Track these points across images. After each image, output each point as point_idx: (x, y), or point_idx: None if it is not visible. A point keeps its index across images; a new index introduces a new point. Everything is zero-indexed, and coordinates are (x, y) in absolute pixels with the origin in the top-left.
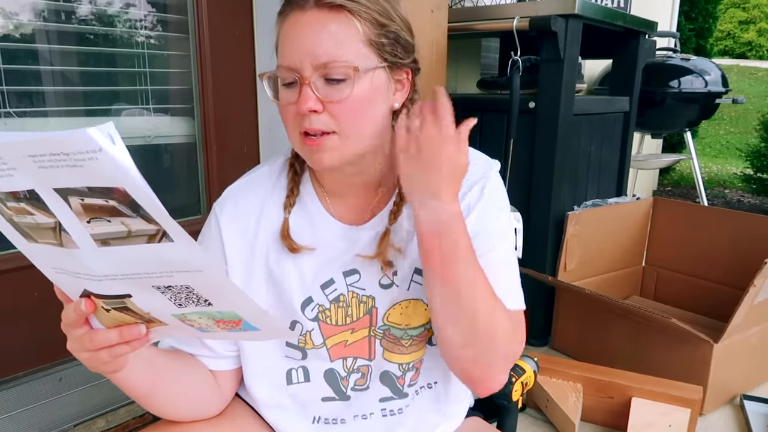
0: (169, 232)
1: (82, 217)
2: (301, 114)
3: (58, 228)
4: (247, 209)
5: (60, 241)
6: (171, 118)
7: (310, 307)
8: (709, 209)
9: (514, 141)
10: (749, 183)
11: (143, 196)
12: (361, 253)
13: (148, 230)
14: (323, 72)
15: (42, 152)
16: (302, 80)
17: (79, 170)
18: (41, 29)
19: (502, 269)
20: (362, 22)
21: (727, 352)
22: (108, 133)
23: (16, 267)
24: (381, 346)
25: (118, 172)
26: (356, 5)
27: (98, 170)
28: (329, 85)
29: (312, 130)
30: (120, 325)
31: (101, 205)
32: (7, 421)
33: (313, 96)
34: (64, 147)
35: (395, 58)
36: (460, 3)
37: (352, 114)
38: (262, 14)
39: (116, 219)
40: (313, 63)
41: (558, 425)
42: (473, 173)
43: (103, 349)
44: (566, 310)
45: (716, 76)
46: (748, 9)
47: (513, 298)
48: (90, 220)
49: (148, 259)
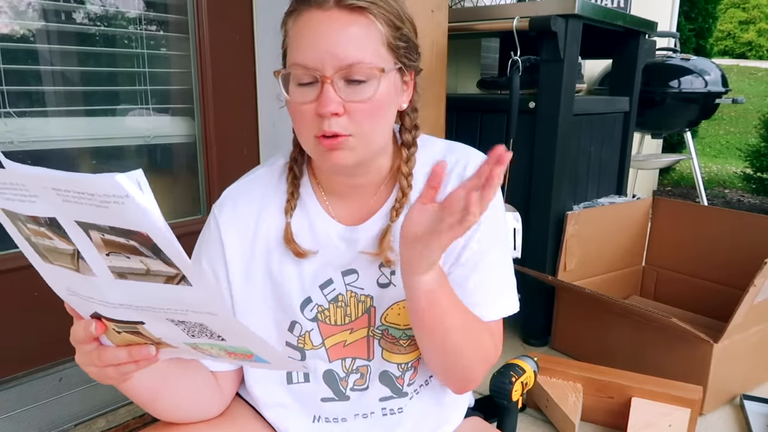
0: (188, 277)
1: (101, 250)
2: (320, 115)
3: (76, 255)
4: (247, 210)
5: (77, 267)
6: (171, 118)
7: (309, 308)
8: (709, 209)
9: (514, 141)
10: (749, 183)
11: (166, 243)
12: (363, 250)
13: (167, 272)
14: (345, 73)
15: (67, 188)
16: (323, 80)
17: (103, 210)
18: (41, 29)
19: (494, 275)
20: (382, 24)
21: (727, 352)
22: (136, 180)
23: (16, 267)
24: (380, 346)
25: (144, 218)
26: (376, 7)
27: (123, 214)
28: (350, 87)
29: (331, 133)
30: (130, 345)
31: (122, 243)
32: (7, 421)
33: (335, 97)
34: (91, 188)
35: (407, 60)
36: (460, 3)
37: (370, 116)
38: (262, 14)
39: (136, 257)
40: (336, 64)
41: (558, 425)
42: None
43: (111, 366)
44: (566, 310)
45: (716, 76)
46: (748, 9)
47: (503, 306)
48: (109, 253)
49: (164, 296)
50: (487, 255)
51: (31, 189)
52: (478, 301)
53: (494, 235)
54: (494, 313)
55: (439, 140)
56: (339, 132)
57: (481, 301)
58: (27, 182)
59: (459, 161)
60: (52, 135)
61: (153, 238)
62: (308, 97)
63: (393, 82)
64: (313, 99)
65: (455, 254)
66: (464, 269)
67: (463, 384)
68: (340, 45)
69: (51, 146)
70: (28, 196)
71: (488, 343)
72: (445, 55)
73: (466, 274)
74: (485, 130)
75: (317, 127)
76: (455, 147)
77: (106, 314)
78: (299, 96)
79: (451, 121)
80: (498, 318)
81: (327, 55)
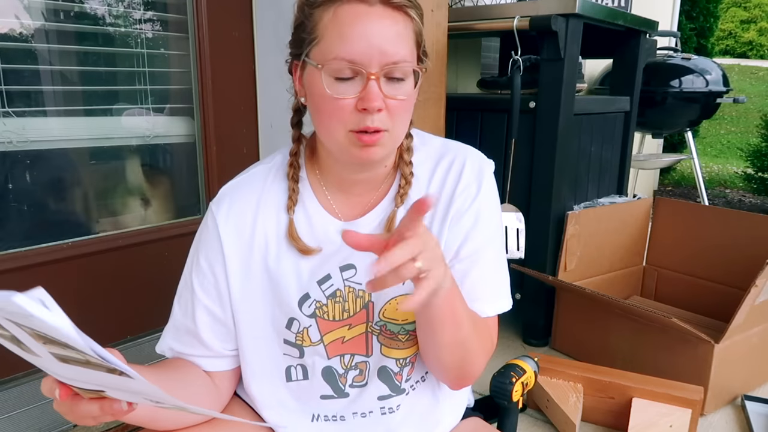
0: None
1: (38, 340)
2: (364, 111)
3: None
4: (244, 207)
5: (20, 347)
6: (170, 117)
7: (308, 304)
8: (710, 209)
9: (515, 141)
10: (750, 183)
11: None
12: None
13: (108, 367)
14: (389, 70)
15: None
16: (369, 76)
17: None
18: (41, 29)
19: (491, 271)
20: (416, 23)
21: (728, 352)
22: (38, 299)
23: (16, 267)
24: (378, 341)
25: (57, 334)
26: (413, 10)
27: (36, 324)
28: (390, 84)
29: (373, 129)
30: (101, 399)
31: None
32: (6, 421)
33: (381, 94)
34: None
35: (425, 57)
36: (460, 2)
37: (404, 112)
38: (262, 14)
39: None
40: (382, 61)
41: (558, 426)
42: (469, 172)
43: (87, 417)
44: (566, 310)
45: (717, 75)
46: (749, 8)
47: (499, 302)
48: (46, 343)
49: (112, 382)
50: (486, 250)
51: None
52: (478, 296)
53: (492, 231)
54: (492, 309)
55: (436, 138)
56: (380, 127)
57: (481, 296)
58: None
59: (456, 159)
60: (51, 135)
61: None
62: (349, 92)
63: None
64: (354, 94)
65: (454, 249)
66: (464, 264)
67: (463, 379)
68: (389, 42)
69: (50, 146)
70: None
71: (488, 337)
72: (445, 55)
73: (466, 269)
74: (485, 129)
75: (355, 122)
76: (452, 145)
77: (65, 381)
78: (337, 90)
79: (451, 121)
80: (494, 314)
81: (375, 50)
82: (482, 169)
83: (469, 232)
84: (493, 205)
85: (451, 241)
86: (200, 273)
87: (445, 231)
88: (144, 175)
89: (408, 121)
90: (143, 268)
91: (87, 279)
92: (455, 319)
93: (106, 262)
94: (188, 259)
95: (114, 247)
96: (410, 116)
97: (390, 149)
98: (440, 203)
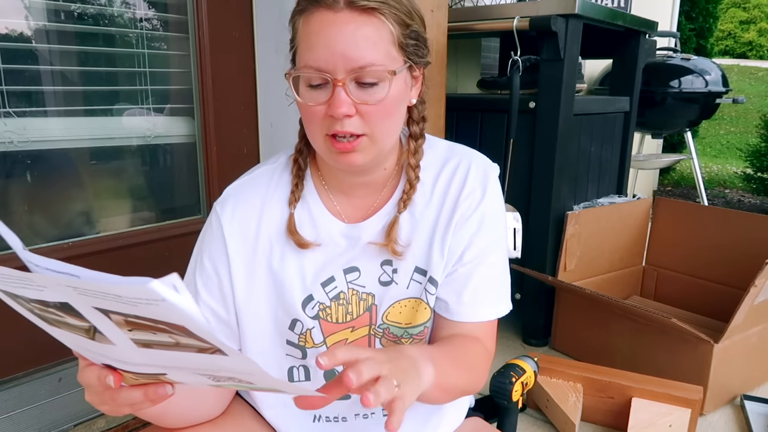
0: (226, 353)
1: (123, 327)
2: (332, 117)
3: (92, 330)
4: (248, 208)
5: (92, 338)
6: (171, 118)
7: (311, 305)
8: (709, 209)
9: (514, 141)
10: (749, 183)
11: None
12: (371, 241)
13: (200, 345)
14: (357, 75)
15: (87, 288)
16: (335, 83)
17: (131, 307)
18: (41, 29)
19: (494, 276)
20: (393, 23)
21: (727, 352)
22: (172, 284)
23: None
24: (381, 345)
25: (181, 316)
26: (387, 7)
27: (155, 311)
28: (362, 89)
29: (343, 133)
30: (145, 384)
31: (149, 324)
32: (7, 421)
33: (347, 100)
34: (117, 290)
35: (417, 56)
36: (460, 3)
37: (382, 117)
38: (262, 14)
39: (164, 333)
40: (348, 66)
41: (558, 425)
42: (474, 177)
43: (126, 405)
44: (566, 310)
45: (716, 75)
46: (748, 9)
47: (500, 306)
48: (132, 329)
49: (195, 360)
50: (489, 255)
51: (39, 282)
52: (480, 299)
53: (496, 236)
54: (493, 313)
55: (442, 141)
56: (353, 131)
57: (483, 300)
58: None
59: (461, 163)
60: (52, 135)
61: (190, 329)
62: (319, 99)
63: (404, 80)
64: (324, 101)
65: (458, 254)
66: (467, 268)
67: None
68: (352, 47)
69: (51, 146)
70: (34, 286)
71: (484, 360)
72: (444, 55)
73: (469, 273)
74: (485, 130)
75: (328, 126)
76: (457, 148)
77: (125, 368)
78: (310, 98)
79: (451, 121)
80: (494, 318)
81: (338, 57)
82: (487, 174)
83: (473, 237)
84: (497, 210)
85: (455, 246)
86: (204, 274)
87: (449, 235)
88: (144, 175)
89: (394, 124)
90: (143, 268)
91: None
92: (446, 390)
93: (106, 262)
94: (191, 259)
95: (114, 247)
96: (398, 119)
97: (373, 154)
98: (445, 208)
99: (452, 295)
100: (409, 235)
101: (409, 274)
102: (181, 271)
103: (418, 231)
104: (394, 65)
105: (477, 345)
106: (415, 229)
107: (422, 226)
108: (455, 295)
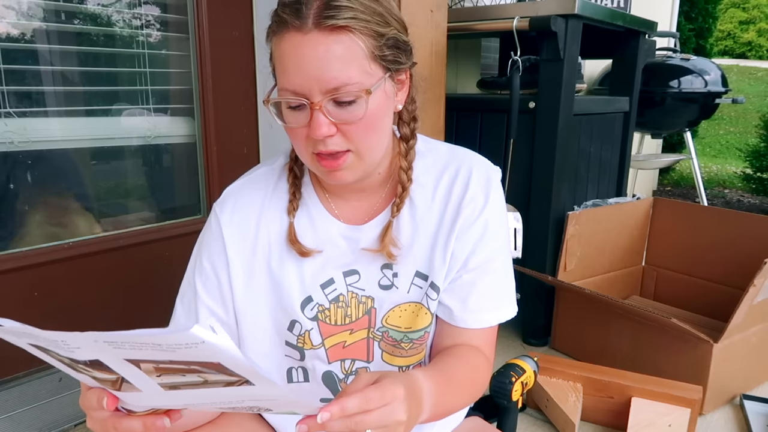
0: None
1: (152, 374)
2: (314, 138)
3: (120, 381)
4: (247, 209)
5: (118, 389)
6: (171, 118)
7: (310, 307)
8: (709, 209)
9: (514, 141)
10: (749, 183)
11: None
12: (366, 247)
13: (229, 380)
14: (333, 95)
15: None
16: (312, 106)
17: (168, 353)
18: (41, 29)
19: (498, 282)
20: (365, 38)
21: (727, 352)
22: (209, 326)
23: (16, 267)
24: (380, 348)
25: (221, 354)
26: (356, 21)
27: (192, 354)
28: (341, 108)
29: (327, 152)
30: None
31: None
32: (7, 421)
33: (326, 121)
34: (158, 340)
35: (397, 64)
36: (460, 3)
37: (365, 132)
38: (262, 14)
39: (193, 374)
40: (322, 88)
41: (558, 425)
42: (476, 182)
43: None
44: (566, 310)
45: (716, 76)
46: (748, 9)
47: (503, 311)
48: (161, 374)
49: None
50: (494, 261)
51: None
52: (485, 306)
53: (500, 241)
54: (496, 318)
55: (443, 144)
56: (336, 149)
57: (487, 306)
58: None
59: (463, 167)
60: (52, 135)
61: (226, 365)
62: (300, 121)
63: (385, 91)
64: (305, 123)
65: (462, 260)
66: (471, 275)
67: None
68: (324, 69)
69: (51, 146)
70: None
71: (485, 373)
72: (444, 55)
73: (473, 279)
74: (485, 130)
75: (313, 145)
76: (459, 152)
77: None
78: (293, 119)
79: (451, 121)
80: (497, 323)
81: (312, 80)
82: (490, 179)
83: (477, 243)
84: (500, 214)
85: (458, 252)
86: (203, 274)
87: (452, 241)
88: (144, 175)
89: (379, 137)
90: (143, 268)
91: (87, 279)
92: (442, 415)
93: (106, 262)
94: (191, 260)
95: (114, 247)
96: (382, 132)
97: (362, 169)
98: (447, 212)
99: (457, 301)
100: (410, 239)
101: (409, 279)
102: (180, 271)
103: (420, 235)
104: (371, 81)
105: (479, 359)
106: (416, 232)
107: (424, 230)
108: (460, 301)
